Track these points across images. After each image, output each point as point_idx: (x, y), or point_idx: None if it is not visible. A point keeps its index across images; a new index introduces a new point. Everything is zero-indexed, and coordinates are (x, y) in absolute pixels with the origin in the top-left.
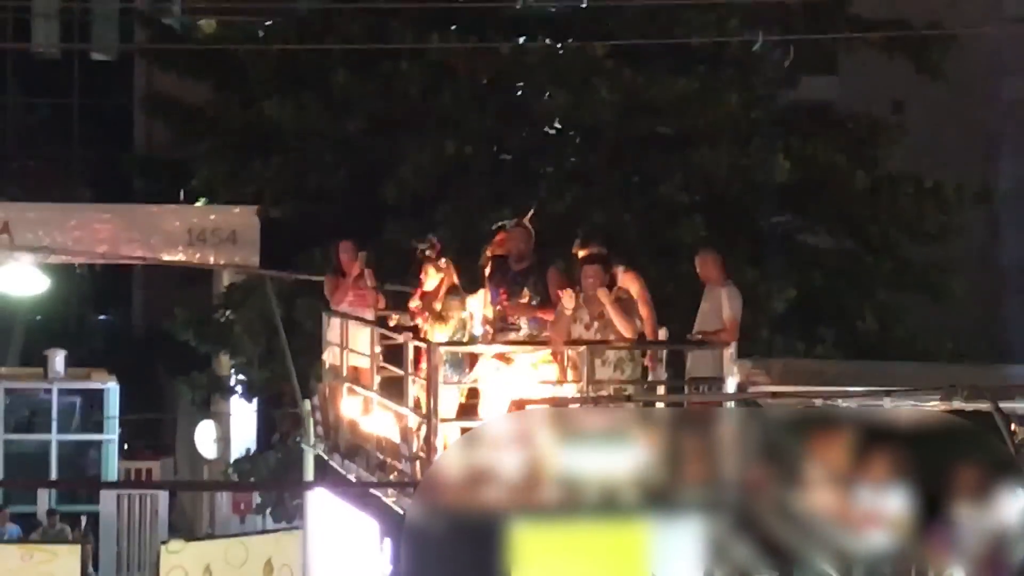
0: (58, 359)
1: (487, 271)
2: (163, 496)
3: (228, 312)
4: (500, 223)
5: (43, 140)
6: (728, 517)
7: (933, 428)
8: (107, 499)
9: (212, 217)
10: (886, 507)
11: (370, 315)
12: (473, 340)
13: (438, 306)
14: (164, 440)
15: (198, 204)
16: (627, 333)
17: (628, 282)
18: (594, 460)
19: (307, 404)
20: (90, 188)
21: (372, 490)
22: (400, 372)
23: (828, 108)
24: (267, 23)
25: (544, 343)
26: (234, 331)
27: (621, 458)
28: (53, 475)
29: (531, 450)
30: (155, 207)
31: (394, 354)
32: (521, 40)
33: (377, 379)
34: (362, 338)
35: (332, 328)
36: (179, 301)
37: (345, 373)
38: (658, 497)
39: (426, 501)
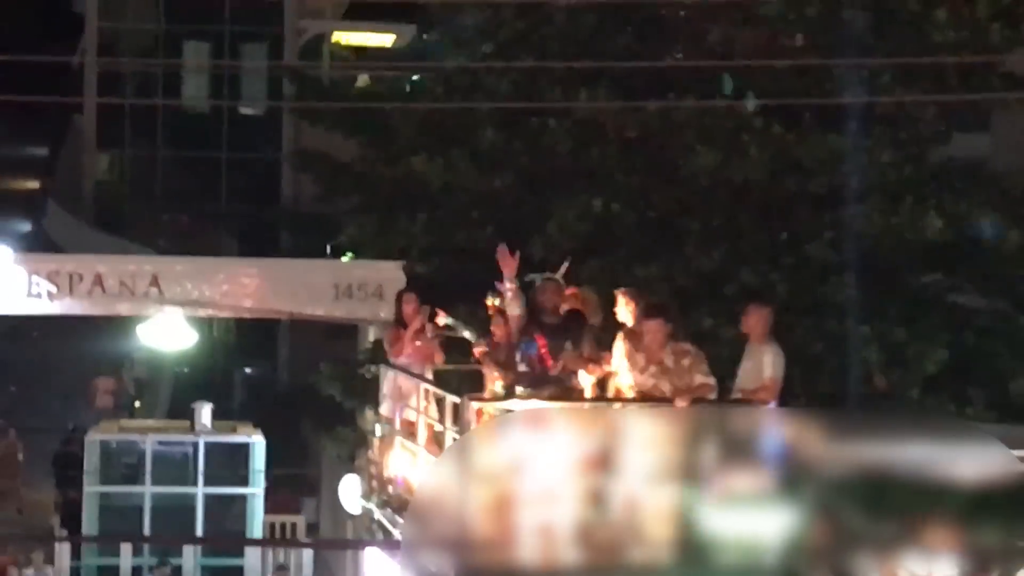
0: (205, 412)
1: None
2: (307, 550)
3: (373, 367)
4: (531, 277)
5: (192, 194)
6: None
7: None
8: (252, 553)
9: (358, 272)
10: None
11: (428, 369)
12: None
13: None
14: (308, 494)
15: (345, 259)
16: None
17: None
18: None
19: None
20: (237, 242)
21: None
22: (439, 426)
23: (981, 166)
24: (414, 78)
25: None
26: (379, 386)
27: None
28: (199, 528)
29: None
30: (302, 262)
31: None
32: (669, 97)
33: (424, 433)
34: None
35: (387, 381)
36: (325, 355)
37: (399, 427)
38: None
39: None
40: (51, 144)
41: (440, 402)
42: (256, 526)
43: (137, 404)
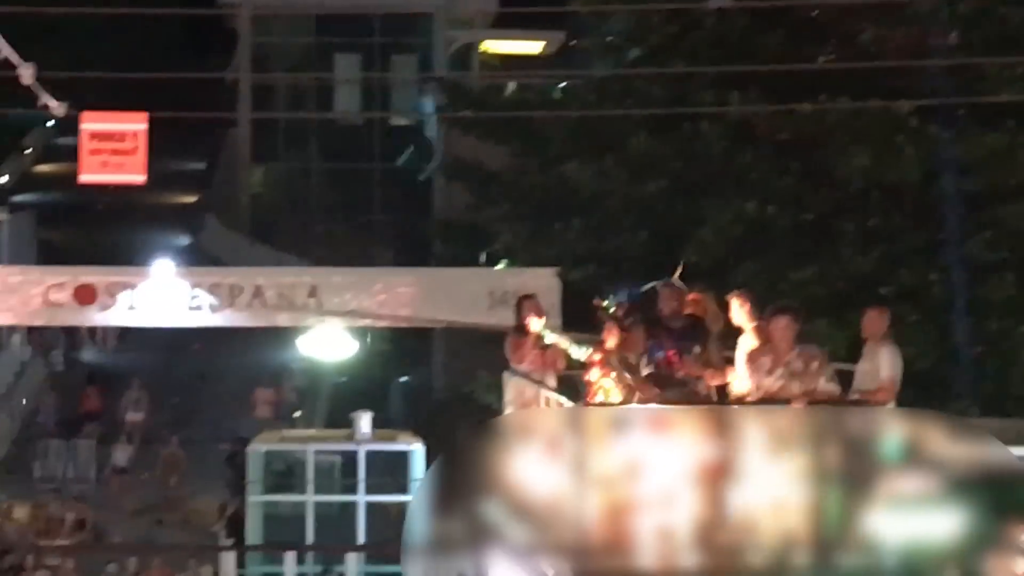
0: (364, 421)
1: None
2: None
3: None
4: (651, 284)
5: (346, 205)
6: None
7: None
8: None
9: (512, 280)
10: None
11: (550, 375)
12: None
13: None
14: None
15: (498, 267)
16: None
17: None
18: None
19: None
20: (392, 252)
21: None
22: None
23: None
24: (564, 85)
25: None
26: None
27: None
28: (361, 535)
29: None
30: (456, 270)
31: None
32: (822, 99)
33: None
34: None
35: (511, 388)
36: (481, 363)
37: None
38: None
39: None
40: (207, 159)
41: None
42: None
43: (297, 414)
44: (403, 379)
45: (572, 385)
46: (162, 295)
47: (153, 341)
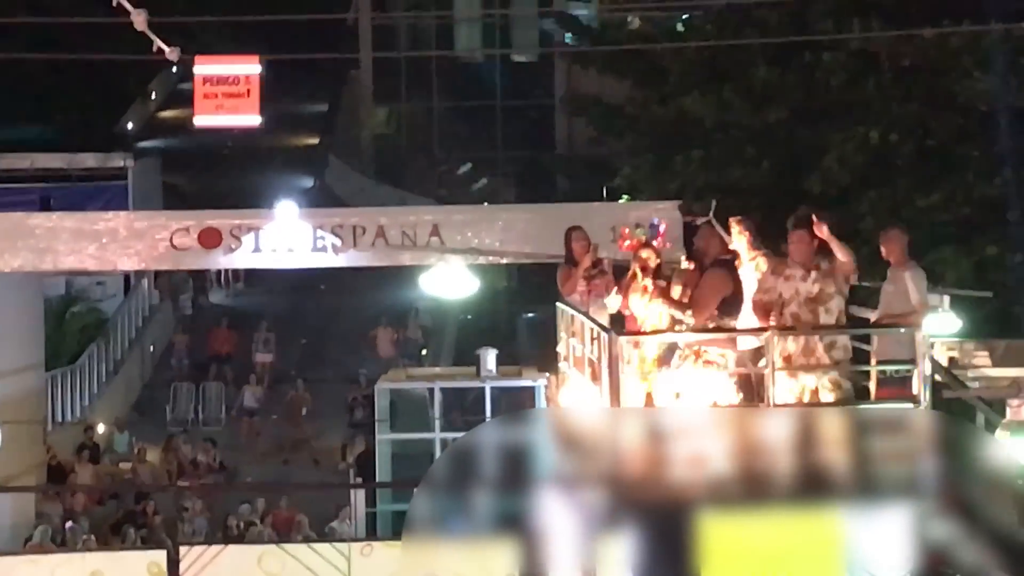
0: (490, 358)
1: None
2: None
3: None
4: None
5: (468, 143)
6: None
7: None
8: None
9: (635, 214)
10: None
11: (602, 305)
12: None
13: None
14: None
15: (621, 201)
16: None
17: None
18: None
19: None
20: (515, 188)
21: None
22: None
23: None
24: (684, 17)
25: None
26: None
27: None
28: None
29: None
30: (578, 205)
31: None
32: (944, 24)
33: (588, 369)
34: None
35: (563, 319)
36: None
37: (572, 363)
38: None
39: None
40: (329, 100)
41: (597, 338)
42: None
43: (424, 352)
44: (528, 315)
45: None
46: (286, 237)
47: (278, 283)
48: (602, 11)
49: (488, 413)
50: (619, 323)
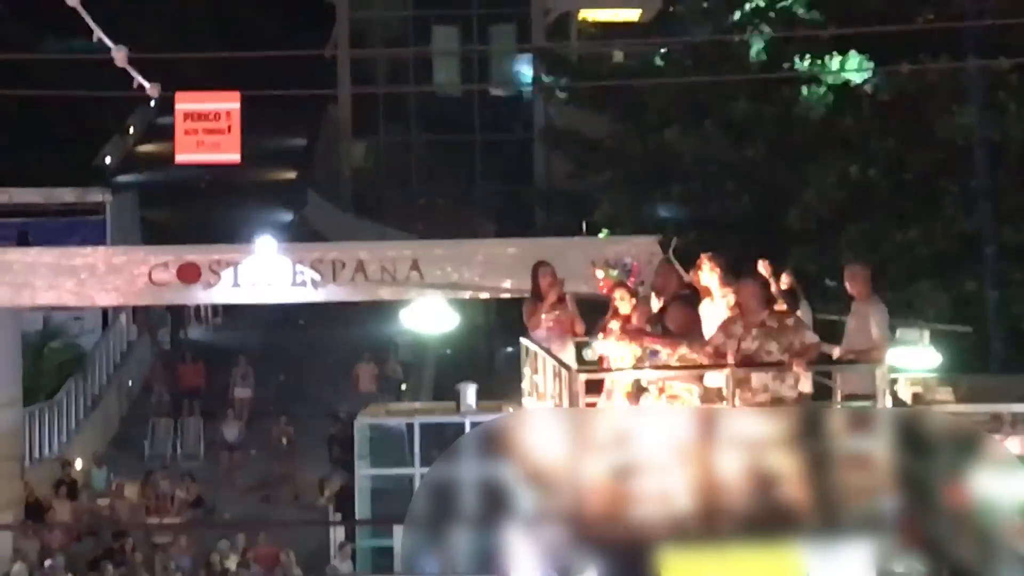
0: (470, 393)
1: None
2: None
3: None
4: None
5: (447, 177)
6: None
7: None
8: None
9: (614, 248)
10: None
11: (569, 340)
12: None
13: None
14: None
15: (600, 236)
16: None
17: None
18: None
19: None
20: (493, 222)
21: None
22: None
23: None
24: (663, 52)
25: (693, 366)
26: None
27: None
28: None
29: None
30: (559, 240)
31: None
32: (921, 59)
33: (551, 404)
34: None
35: (528, 355)
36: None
37: (536, 399)
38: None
39: None
40: (308, 134)
41: (559, 374)
42: None
43: (404, 387)
44: (508, 350)
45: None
46: (265, 272)
47: (258, 318)
48: (582, 46)
49: None
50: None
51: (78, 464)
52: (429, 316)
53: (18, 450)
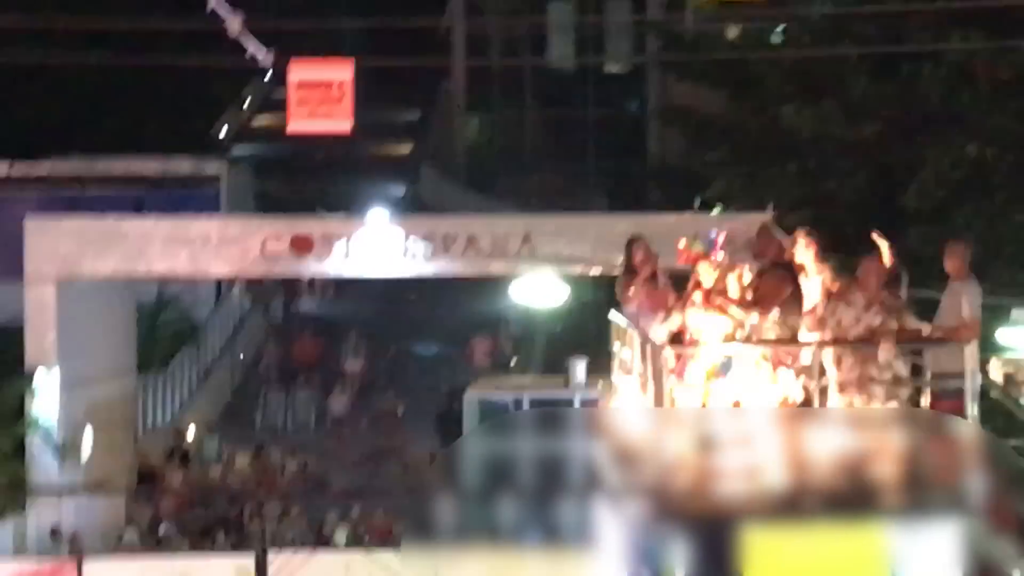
0: (579, 368)
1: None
2: None
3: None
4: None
5: (560, 152)
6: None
7: None
8: None
9: (727, 225)
10: None
11: (660, 316)
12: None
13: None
14: None
15: (713, 212)
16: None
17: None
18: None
19: None
20: (606, 198)
21: None
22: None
23: None
24: (780, 29)
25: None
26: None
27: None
28: None
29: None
30: (671, 216)
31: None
32: None
33: (638, 380)
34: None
35: (616, 329)
36: None
37: (623, 372)
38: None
39: None
40: (422, 108)
41: (644, 347)
42: None
43: (513, 362)
44: None
45: None
46: (377, 245)
47: (370, 291)
48: (698, 21)
49: None
50: (679, 339)
51: (190, 433)
52: (540, 291)
53: (132, 419)
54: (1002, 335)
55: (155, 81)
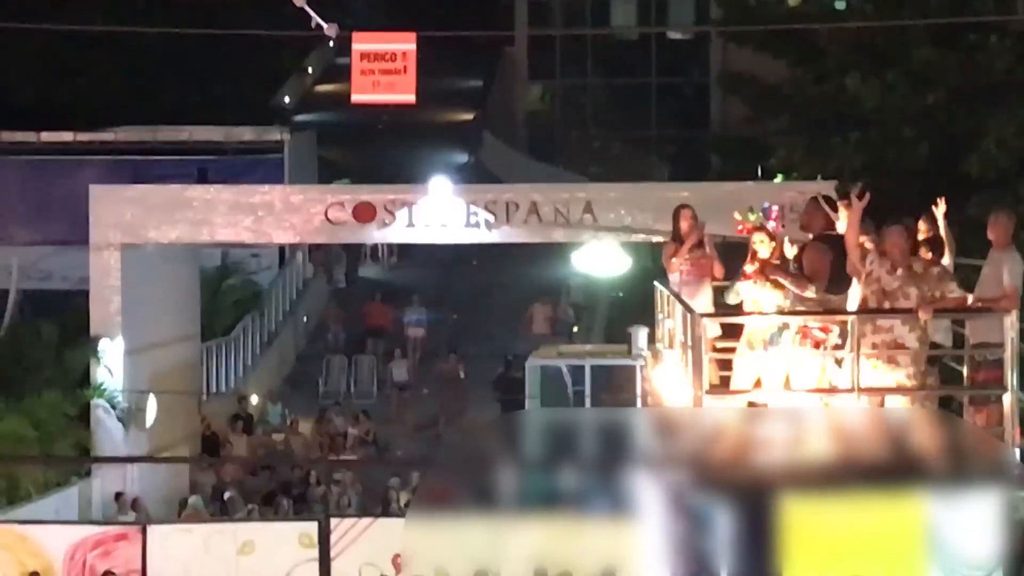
0: (641, 336)
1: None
2: None
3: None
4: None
5: (622, 120)
6: None
7: None
8: None
9: (789, 194)
10: None
11: (707, 283)
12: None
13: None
14: None
15: (776, 181)
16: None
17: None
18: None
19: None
20: (668, 166)
21: None
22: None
23: None
24: None
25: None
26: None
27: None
28: None
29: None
30: (732, 184)
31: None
32: None
33: (679, 349)
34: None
35: (659, 297)
36: None
37: (667, 341)
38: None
39: None
40: (484, 76)
41: (685, 317)
42: None
43: (575, 329)
44: None
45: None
46: (439, 212)
47: (432, 258)
48: None
49: (638, 391)
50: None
51: (254, 399)
52: (602, 259)
53: (196, 385)
54: None
55: (218, 50)
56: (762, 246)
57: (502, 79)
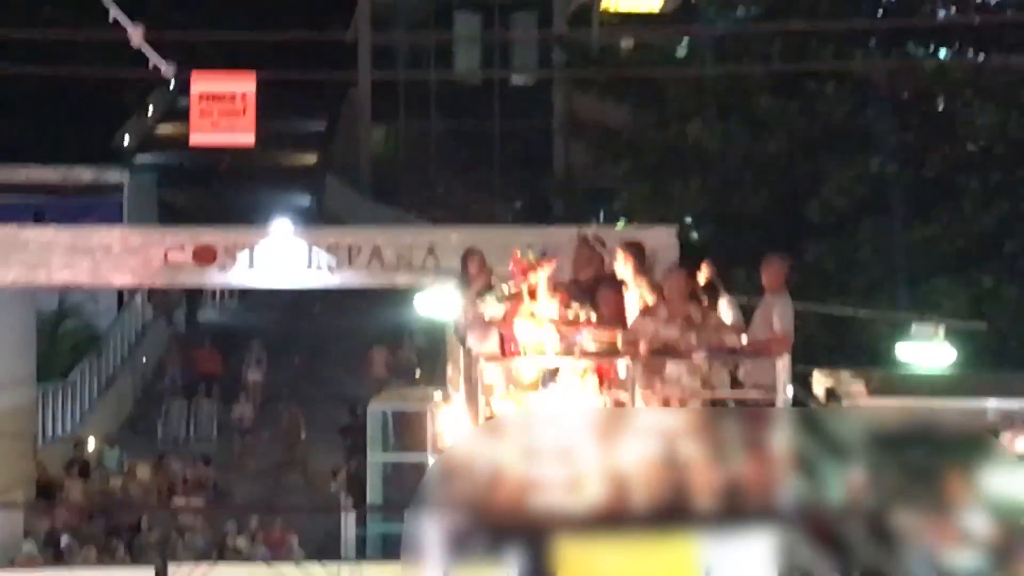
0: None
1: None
2: None
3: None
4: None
5: (466, 164)
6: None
7: None
8: None
9: (630, 238)
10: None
11: (493, 328)
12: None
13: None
14: None
15: (617, 226)
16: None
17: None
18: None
19: None
20: (511, 210)
21: None
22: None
23: None
24: (684, 44)
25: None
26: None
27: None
28: None
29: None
30: (575, 229)
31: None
32: (943, 54)
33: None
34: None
35: (448, 339)
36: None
37: (455, 383)
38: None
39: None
40: (328, 118)
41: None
42: None
43: (417, 373)
44: None
45: None
46: (281, 255)
47: (273, 301)
48: (603, 35)
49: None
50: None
51: (91, 444)
52: (444, 302)
53: (31, 429)
54: (901, 350)
55: (57, 87)
56: (539, 286)
57: (346, 121)
